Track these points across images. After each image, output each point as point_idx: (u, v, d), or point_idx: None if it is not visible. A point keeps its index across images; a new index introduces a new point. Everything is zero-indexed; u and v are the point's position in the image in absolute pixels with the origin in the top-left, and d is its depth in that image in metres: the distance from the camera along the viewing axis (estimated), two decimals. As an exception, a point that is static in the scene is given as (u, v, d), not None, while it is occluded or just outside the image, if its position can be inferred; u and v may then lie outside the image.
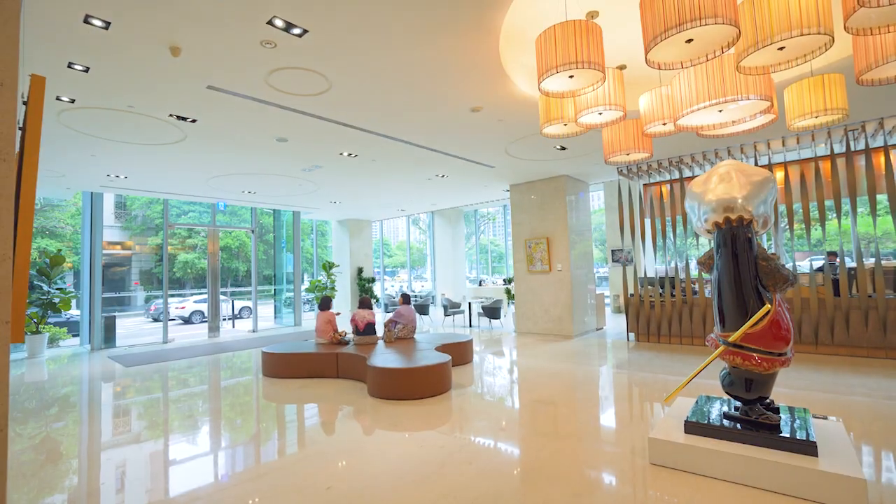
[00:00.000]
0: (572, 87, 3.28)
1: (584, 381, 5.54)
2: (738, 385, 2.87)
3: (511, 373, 6.16)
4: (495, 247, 26.27)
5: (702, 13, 2.36)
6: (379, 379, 4.87)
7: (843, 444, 2.72)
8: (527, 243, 9.42)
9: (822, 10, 2.47)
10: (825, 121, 3.56)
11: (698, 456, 2.83)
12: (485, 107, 5.27)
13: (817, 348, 6.38)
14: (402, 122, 5.70)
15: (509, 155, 7.39)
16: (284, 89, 4.62)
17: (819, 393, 4.55)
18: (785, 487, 2.57)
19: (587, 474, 2.97)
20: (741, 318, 2.76)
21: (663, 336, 7.69)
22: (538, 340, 8.43)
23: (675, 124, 3.57)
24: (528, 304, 9.43)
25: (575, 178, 9.25)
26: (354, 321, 6.45)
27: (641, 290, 7.96)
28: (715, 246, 2.93)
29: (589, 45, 2.95)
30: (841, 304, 6.21)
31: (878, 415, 3.90)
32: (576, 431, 3.79)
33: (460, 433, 3.81)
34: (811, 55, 2.72)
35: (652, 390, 4.98)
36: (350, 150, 6.88)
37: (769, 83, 3.24)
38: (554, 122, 3.85)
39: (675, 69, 2.91)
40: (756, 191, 2.74)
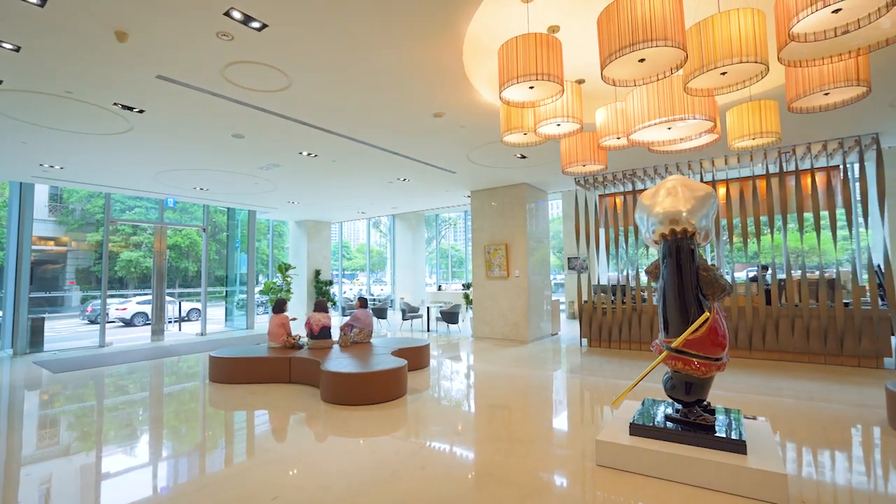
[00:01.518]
0: (532, 98, 3.37)
1: (539, 385, 5.65)
2: (678, 388, 3.03)
3: (467, 377, 6.20)
4: (456, 252, 26.43)
5: (653, 35, 2.49)
6: (333, 384, 4.77)
7: (769, 443, 2.92)
8: (486, 249, 9.54)
9: (758, 41, 2.67)
10: (761, 142, 3.84)
11: (642, 457, 2.95)
12: (447, 113, 5.31)
13: (751, 353, 6.83)
14: (365, 123, 5.64)
15: (471, 161, 7.48)
16: (242, 84, 4.47)
17: (751, 395, 4.87)
18: (718, 484, 2.72)
19: (538, 477, 3.03)
20: (683, 325, 2.92)
21: (614, 341, 7.98)
22: (495, 345, 8.53)
23: (629, 139, 3.74)
24: (486, 309, 9.54)
25: (534, 186, 9.47)
26: (309, 324, 6.29)
27: (595, 297, 8.24)
28: (661, 256, 3.08)
29: (549, 58, 3.04)
30: (772, 313, 6.69)
31: (801, 415, 4.22)
32: (529, 435, 3.86)
33: (415, 438, 3.79)
34: (750, 81, 2.93)
35: (602, 394, 5.15)
36: (310, 150, 6.74)
37: (713, 105, 3.46)
38: (514, 130, 3.94)
39: (629, 86, 3.05)
40: (699, 205, 2.91)
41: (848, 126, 5.95)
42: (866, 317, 6.07)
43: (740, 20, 2.68)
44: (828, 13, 2.31)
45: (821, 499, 2.68)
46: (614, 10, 2.65)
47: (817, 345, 6.36)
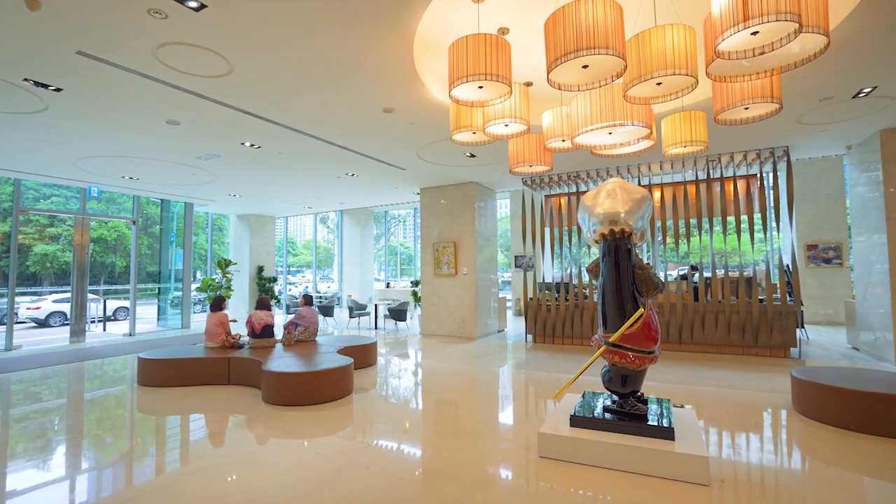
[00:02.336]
0: (481, 98, 3.41)
1: (485, 381, 5.76)
2: (615, 381, 3.20)
3: (415, 374, 6.20)
4: (405, 249, 26.29)
5: (595, 43, 2.61)
6: (275, 384, 4.60)
7: (694, 429, 3.16)
8: (435, 247, 9.57)
9: (689, 55, 2.87)
10: (691, 150, 4.13)
11: (582, 447, 3.09)
12: (397, 108, 5.27)
13: (680, 346, 7.34)
14: (312, 115, 5.47)
15: (420, 158, 7.46)
16: (177, 67, 4.18)
17: (680, 385, 5.23)
18: (650, 469, 2.91)
19: (483, 471, 3.09)
20: (620, 321, 3.08)
21: (558, 337, 8.29)
22: (442, 342, 8.59)
23: (573, 141, 3.89)
24: (434, 306, 9.58)
25: (483, 185, 9.61)
26: (250, 323, 6.03)
27: (540, 294, 8.50)
28: (601, 255, 3.24)
29: (498, 59, 3.09)
30: (699, 309, 7.22)
31: (722, 401, 4.59)
32: (475, 430, 3.93)
33: (361, 437, 3.74)
34: (682, 93, 3.14)
35: (546, 388, 5.34)
36: (253, 141, 6.43)
37: (650, 113, 3.67)
38: (463, 129, 3.97)
39: (574, 91, 3.17)
40: (636, 207, 3.09)
41: (764, 138, 6.53)
42: (777, 312, 6.70)
43: (674, 35, 2.85)
44: (747, 35, 2.52)
45: (737, 476, 2.93)
46: (560, 17, 2.74)
47: (737, 337, 6.95)
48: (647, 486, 2.79)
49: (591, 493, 2.73)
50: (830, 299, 9.94)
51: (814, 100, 5.14)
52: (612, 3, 2.70)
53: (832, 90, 4.90)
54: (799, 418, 4.02)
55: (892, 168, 6.15)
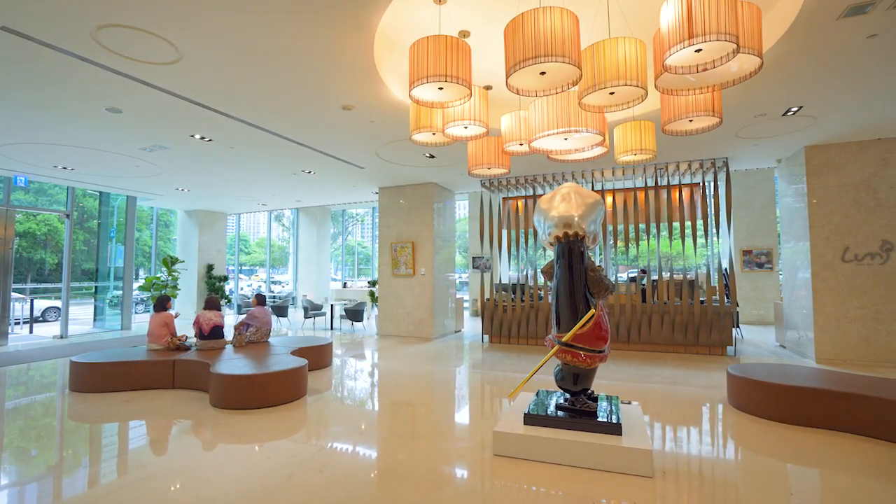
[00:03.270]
0: (441, 99, 3.42)
1: (442, 381, 5.78)
2: (567, 379, 3.31)
3: (371, 375, 6.13)
4: (363, 248, 25.94)
5: (553, 51, 2.68)
6: (223, 387, 4.41)
7: (639, 424, 3.31)
8: (393, 247, 9.51)
9: (640, 68, 3.01)
10: (641, 158, 4.33)
11: (535, 444, 3.17)
12: (357, 106, 5.20)
13: (629, 345, 7.67)
14: (268, 109, 5.29)
15: (380, 157, 7.40)
16: (120, 51, 3.93)
17: (628, 382, 5.47)
18: (600, 464, 3.02)
19: (438, 471, 3.10)
20: (573, 321, 3.19)
21: (514, 337, 8.45)
22: (399, 343, 8.55)
23: (530, 146, 3.98)
24: (392, 306, 9.52)
25: (442, 186, 9.65)
26: (198, 323, 5.75)
27: (496, 295, 8.64)
28: (555, 257, 3.34)
29: (458, 61, 3.12)
30: (646, 309, 7.58)
31: (666, 397, 4.85)
32: (431, 430, 3.93)
33: (316, 440, 3.66)
34: (633, 103, 3.28)
35: (501, 387, 5.42)
36: (203, 134, 6.14)
37: (603, 121, 3.82)
38: (423, 129, 3.98)
39: (531, 96, 3.24)
40: (589, 211, 3.20)
41: (707, 150, 6.95)
42: (715, 312, 7.15)
43: (626, 48, 2.99)
44: (692, 52, 2.68)
45: (678, 467, 3.11)
46: (519, 24, 2.80)
47: (680, 336, 7.35)
48: (596, 479, 2.90)
49: (543, 489, 2.81)
50: (762, 301, 10.72)
51: (749, 116, 5.53)
52: (569, 13, 2.79)
53: (765, 108, 5.29)
54: (733, 412, 4.30)
55: (814, 181, 6.71)
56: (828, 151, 6.65)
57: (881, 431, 3.53)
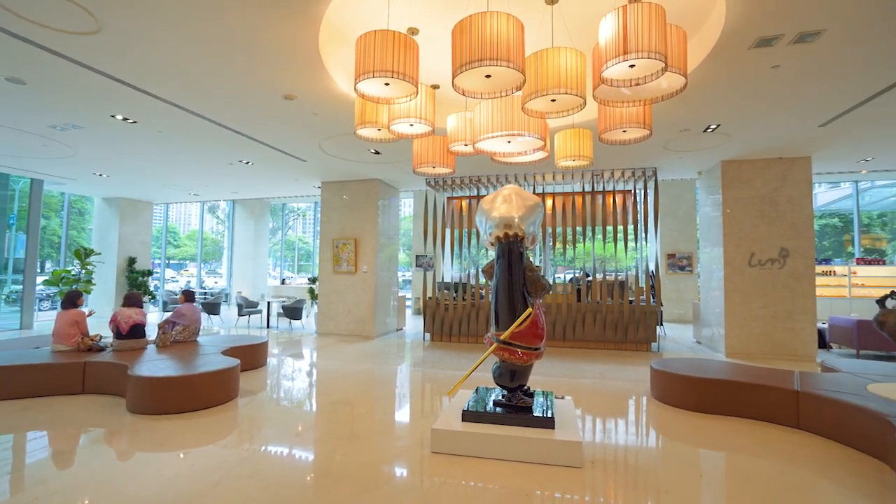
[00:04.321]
0: (387, 95, 3.39)
1: (382, 380, 5.73)
2: (505, 376, 3.40)
3: (309, 375, 5.95)
4: (304, 244, 25.08)
5: (498, 55, 2.74)
6: (143, 390, 4.08)
7: (571, 417, 3.48)
8: (334, 243, 9.28)
9: (580, 78, 3.15)
10: (578, 164, 4.53)
11: (473, 440, 3.23)
12: (300, 96, 5.01)
13: (564, 343, 8.02)
14: (202, 93, 4.97)
15: (323, 151, 7.19)
16: (26, 15, 3.51)
17: (562, 378, 5.72)
18: (534, 456, 3.13)
19: (376, 470, 3.07)
20: (511, 319, 3.28)
21: (455, 336, 8.55)
22: (339, 341, 8.37)
23: (475, 147, 4.04)
24: (332, 304, 9.30)
25: (387, 183, 9.55)
26: (116, 322, 5.28)
27: (439, 293, 8.70)
28: (496, 257, 3.42)
29: (406, 58, 3.10)
30: (581, 308, 7.97)
31: (596, 392, 5.13)
32: (370, 430, 3.89)
33: (249, 444, 3.49)
34: (573, 111, 3.43)
35: (442, 385, 5.47)
36: (127, 115, 5.64)
37: (545, 126, 3.96)
38: (368, 125, 3.91)
39: (477, 98, 3.29)
40: (529, 213, 3.31)
41: (638, 159, 7.43)
42: (642, 311, 7.66)
43: (567, 58, 3.12)
44: (626, 67, 2.85)
45: (606, 457, 3.29)
46: (467, 26, 2.84)
47: (611, 334, 7.79)
48: (531, 472, 3.00)
49: (481, 484, 2.86)
50: (683, 301, 11.62)
51: (676, 130, 5.97)
52: (515, 20, 2.87)
53: (689, 123, 5.74)
54: (655, 403, 4.63)
55: (728, 193, 7.38)
56: (740, 167, 7.34)
57: (776, 416, 3.96)
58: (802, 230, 7.07)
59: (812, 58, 4.03)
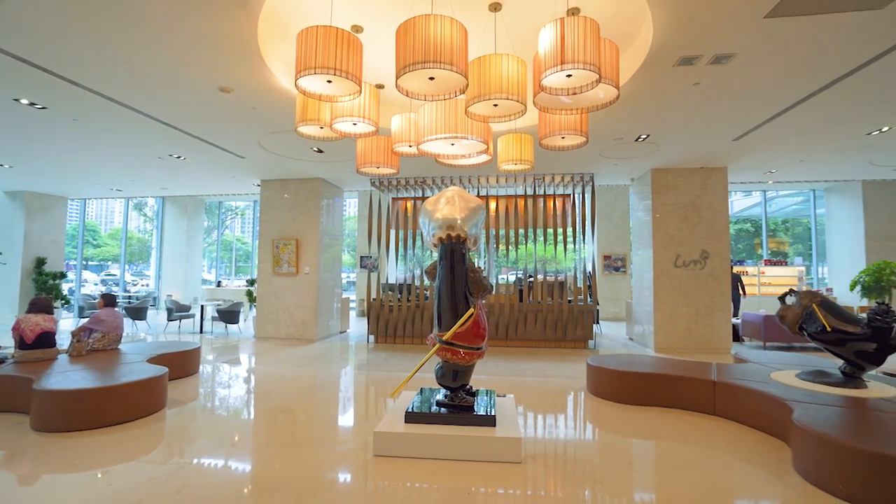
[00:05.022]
0: (330, 92, 3.32)
1: (324, 383, 5.59)
2: (447, 376, 3.43)
3: (247, 381, 5.68)
4: (242, 245, 23.91)
5: (441, 58, 2.77)
6: (51, 405, 3.70)
7: (512, 415, 3.57)
8: (275, 243, 8.92)
9: (521, 84, 3.25)
10: (520, 168, 4.67)
11: (416, 441, 3.22)
12: (237, 90, 4.78)
13: (507, 342, 8.22)
14: (125, 79, 4.59)
15: (263, 148, 6.89)
16: None
17: (504, 377, 5.87)
18: (476, 454, 3.18)
19: (316, 476, 2.99)
20: (453, 320, 3.32)
21: (399, 337, 8.50)
22: (279, 345, 8.06)
23: (419, 148, 4.05)
24: (272, 307, 8.93)
25: (331, 182, 9.33)
26: (19, 330, 4.74)
27: (383, 295, 8.61)
28: (439, 258, 3.44)
29: (349, 55, 3.04)
30: (523, 308, 8.21)
31: (537, 389, 5.30)
32: (311, 435, 3.77)
33: (178, 458, 3.27)
34: (514, 116, 3.53)
35: (386, 387, 5.42)
36: (34, 99, 5.10)
37: (488, 130, 4.04)
38: (310, 122, 3.81)
39: (421, 100, 3.31)
40: (471, 215, 3.37)
41: (577, 165, 7.78)
42: (580, 311, 8.03)
43: (509, 65, 3.20)
44: (564, 76, 2.98)
45: (546, 451, 3.42)
46: (411, 27, 2.84)
47: (551, 333, 8.09)
48: (472, 470, 3.05)
49: (424, 485, 2.87)
50: (617, 300, 12.30)
51: (610, 138, 6.32)
52: (459, 24, 2.91)
53: (622, 133, 6.09)
54: (591, 398, 4.86)
55: (658, 199, 7.92)
56: (667, 174, 7.89)
57: (697, 405, 4.30)
58: (720, 234, 7.73)
59: (727, 77, 4.43)
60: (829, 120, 5.58)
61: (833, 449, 2.74)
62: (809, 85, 4.59)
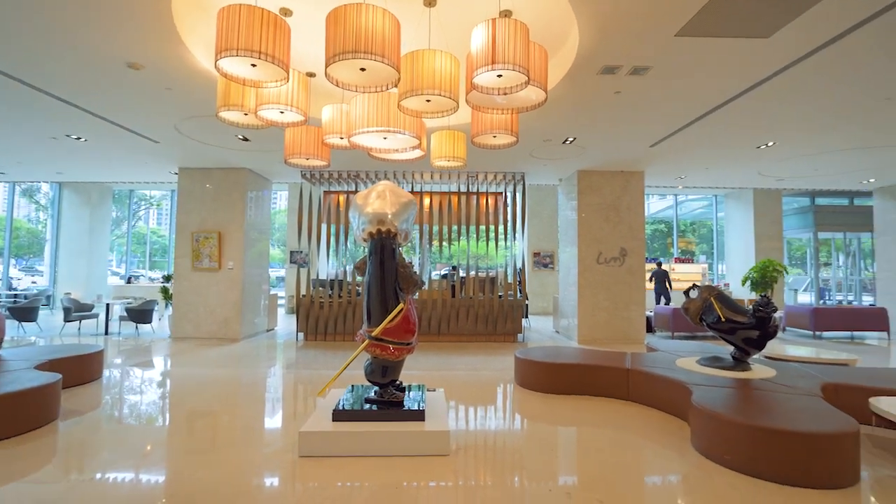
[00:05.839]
0: (255, 77, 3.14)
1: (249, 384, 5.31)
2: (376, 372, 3.40)
3: (161, 385, 5.24)
4: (159, 238, 22.03)
5: (372, 49, 2.72)
6: (-86, 421, 3.18)
7: (441, 408, 3.62)
8: (194, 236, 8.31)
9: (453, 81, 3.28)
10: (453, 165, 4.72)
11: (344, 440, 3.16)
12: (148, 67, 4.37)
13: (439, 337, 8.31)
14: (13, 47, 4.03)
15: (180, 132, 6.38)
16: None
17: (435, 371, 5.93)
18: (405, 449, 3.18)
19: (238, 482, 2.83)
20: (383, 316, 3.29)
21: (330, 334, 8.28)
22: (199, 345, 7.53)
23: (350, 140, 3.96)
24: (191, 304, 8.32)
25: (258, 173, 8.86)
26: None
27: (314, 291, 8.34)
28: (368, 253, 3.40)
29: (276, 39, 2.90)
30: (455, 304, 8.33)
31: (467, 382, 5.42)
32: (234, 439, 3.57)
33: (76, 474, 2.94)
34: (447, 113, 3.56)
35: (315, 386, 5.25)
36: None
37: (421, 125, 4.04)
38: (233, 108, 3.59)
39: (352, 91, 3.23)
40: (402, 210, 3.35)
41: (509, 164, 8.02)
42: (511, 305, 8.30)
43: (442, 61, 3.22)
44: (495, 76, 3.05)
45: (476, 443, 3.50)
46: (342, 15, 2.76)
47: (482, 327, 8.29)
48: (401, 465, 3.05)
49: (353, 483, 2.82)
50: (545, 295, 12.88)
51: (540, 140, 6.58)
52: (391, 16, 2.87)
53: (551, 135, 6.37)
54: (519, 389, 5.05)
55: (583, 199, 8.38)
56: (591, 176, 8.38)
57: (614, 391, 4.62)
58: (637, 233, 8.34)
59: (644, 88, 4.77)
60: (728, 133, 6.22)
61: (721, 425, 3.07)
62: (713, 100, 5.08)
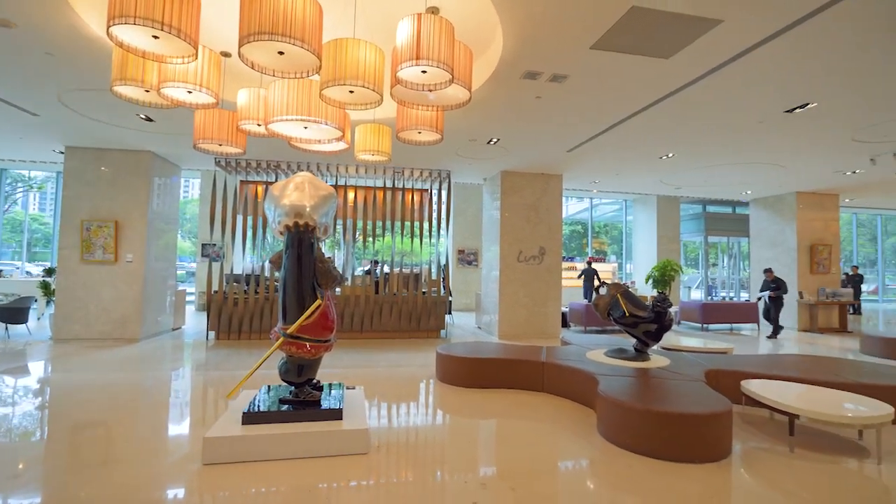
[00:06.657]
0: (157, 50, 2.84)
1: (149, 389, 4.84)
2: (292, 371, 3.26)
3: (37, 395, 4.60)
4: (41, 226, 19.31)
5: (291, 33, 2.58)
6: None
7: (360, 406, 3.56)
8: (85, 225, 7.38)
9: (378, 73, 3.22)
10: (377, 159, 4.65)
11: (253, 444, 2.99)
12: (22, 26, 3.79)
13: (361, 333, 8.17)
14: None
15: (66, 106, 5.61)
16: None
17: (355, 369, 5.82)
18: (322, 450, 3.09)
19: (132, 498, 2.57)
20: (300, 312, 3.16)
21: (245, 332, 7.80)
22: (90, 347, 6.72)
23: (268, 128, 3.74)
24: (79, 301, 7.39)
25: (165, 158, 8.08)
26: None
27: (227, 286, 7.80)
28: (285, 247, 3.24)
29: (182, 10, 2.63)
30: (378, 300, 8.24)
31: (388, 379, 5.38)
32: (130, 451, 3.23)
33: None
34: (371, 106, 3.48)
35: (226, 388, 4.91)
36: None
37: (345, 117, 3.92)
38: (131, 82, 3.22)
39: (269, 75, 3.04)
40: (321, 203, 3.23)
41: (435, 161, 8.07)
42: (434, 302, 8.38)
43: (367, 52, 3.15)
44: (419, 71, 3.04)
45: (397, 440, 3.49)
46: (258, -7, 2.58)
47: (405, 324, 8.28)
48: (317, 466, 2.95)
49: (263, 489, 2.68)
50: (469, 292, 13.17)
51: (465, 139, 6.70)
52: (314, 1, 2.74)
53: (476, 134, 6.51)
54: (440, 385, 5.12)
55: (505, 199, 8.67)
56: (514, 177, 8.69)
57: (530, 384, 4.84)
58: (555, 233, 8.81)
59: (562, 95, 5.04)
60: (635, 142, 6.77)
61: (621, 410, 3.35)
62: (623, 110, 5.49)
